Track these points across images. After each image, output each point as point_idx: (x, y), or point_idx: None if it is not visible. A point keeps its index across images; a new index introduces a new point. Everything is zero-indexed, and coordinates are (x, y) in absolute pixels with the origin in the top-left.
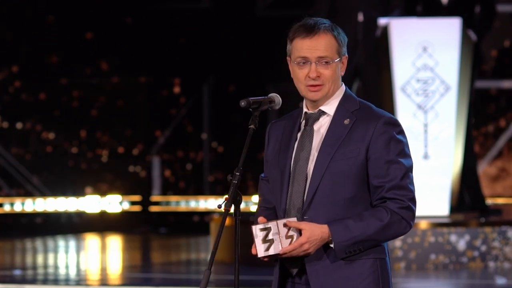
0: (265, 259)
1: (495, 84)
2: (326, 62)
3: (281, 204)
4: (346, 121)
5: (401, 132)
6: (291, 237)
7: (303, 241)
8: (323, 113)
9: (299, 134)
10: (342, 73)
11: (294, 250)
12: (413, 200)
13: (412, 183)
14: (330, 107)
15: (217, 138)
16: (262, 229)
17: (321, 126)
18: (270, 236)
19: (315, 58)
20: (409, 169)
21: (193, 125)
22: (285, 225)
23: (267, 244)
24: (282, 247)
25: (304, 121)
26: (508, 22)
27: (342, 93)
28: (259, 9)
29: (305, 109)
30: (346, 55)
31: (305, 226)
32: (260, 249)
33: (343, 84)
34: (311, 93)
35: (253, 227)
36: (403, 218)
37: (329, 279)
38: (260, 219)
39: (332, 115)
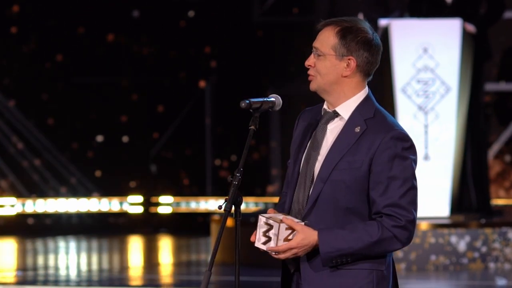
0: (260, 250)
1: None
2: (318, 55)
3: (287, 199)
4: (357, 129)
5: (409, 148)
6: (289, 241)
7: (293, 245)
8: (337, 114)
9: (315, 131)
10: (346, 74)
11: (283, 253)
12: (411, 222)
13: (412, 203)
14: (345, 110)
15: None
16: (266, 223)
17: (334, 128)
18: (269, 234)
19: (313, 47)
20: (411, 187)
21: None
22: (286, 228)
23: (265, 239)
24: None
25: (321, 119)
26: None
27: (363, 97)
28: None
29: (324, 106)
30: (354, 58)
31: (300, 229)
32: (258, 240)
33: (367, 88)
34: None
35: (260, 216)
36: (396, 236)
37: (320, 286)
38: (270, 210)
39: (346, 120)
